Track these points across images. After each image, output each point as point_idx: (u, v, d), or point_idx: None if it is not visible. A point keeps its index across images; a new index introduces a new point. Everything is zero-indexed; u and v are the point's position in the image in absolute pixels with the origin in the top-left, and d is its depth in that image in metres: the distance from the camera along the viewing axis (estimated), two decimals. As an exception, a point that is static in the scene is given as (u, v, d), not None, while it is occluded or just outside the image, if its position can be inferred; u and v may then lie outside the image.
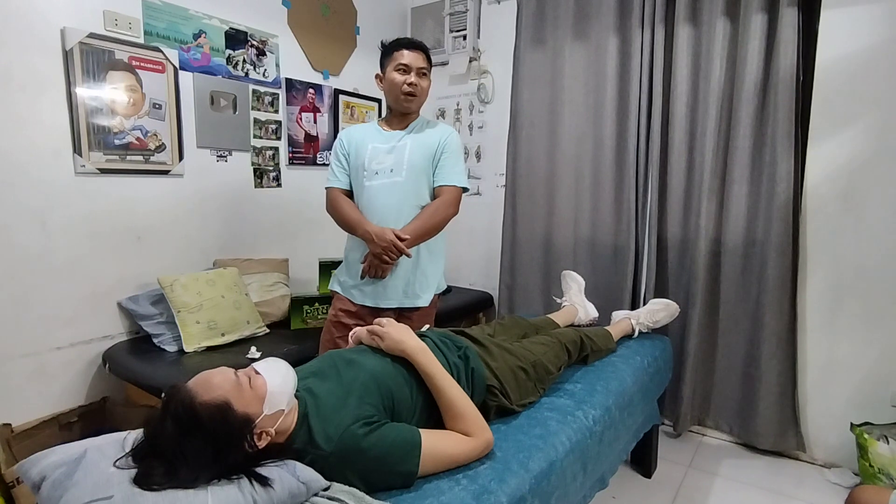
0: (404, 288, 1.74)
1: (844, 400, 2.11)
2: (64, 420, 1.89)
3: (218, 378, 0.94)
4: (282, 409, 0.99)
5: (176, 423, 0.87)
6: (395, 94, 1.73)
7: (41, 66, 1.81)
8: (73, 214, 1.92)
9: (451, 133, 1.79)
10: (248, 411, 0.93)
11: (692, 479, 2.09)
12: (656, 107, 2.37)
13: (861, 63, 1.97)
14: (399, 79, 1.70)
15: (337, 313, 1.80)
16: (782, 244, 2.12)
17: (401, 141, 1.75)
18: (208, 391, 0.91)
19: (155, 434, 0.89)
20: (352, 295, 1.78)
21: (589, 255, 2.65)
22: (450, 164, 1.75)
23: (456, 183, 1.75)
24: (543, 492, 1.12)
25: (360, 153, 1.75)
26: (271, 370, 1.02)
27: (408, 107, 1.75)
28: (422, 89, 1.74)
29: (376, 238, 1.63)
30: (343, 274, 1.84)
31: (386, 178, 1.71)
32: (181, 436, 0.86)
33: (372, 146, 1.75)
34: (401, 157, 1.72)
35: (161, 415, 0.90)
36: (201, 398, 0.89)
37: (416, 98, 1.73)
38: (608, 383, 1.60)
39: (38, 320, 1.86)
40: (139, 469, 0.85)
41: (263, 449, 0.95)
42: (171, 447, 0.86)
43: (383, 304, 1.75)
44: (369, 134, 1.79)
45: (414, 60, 1.70)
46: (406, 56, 1.70)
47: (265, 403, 0.96)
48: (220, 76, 2.34)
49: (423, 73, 1.73)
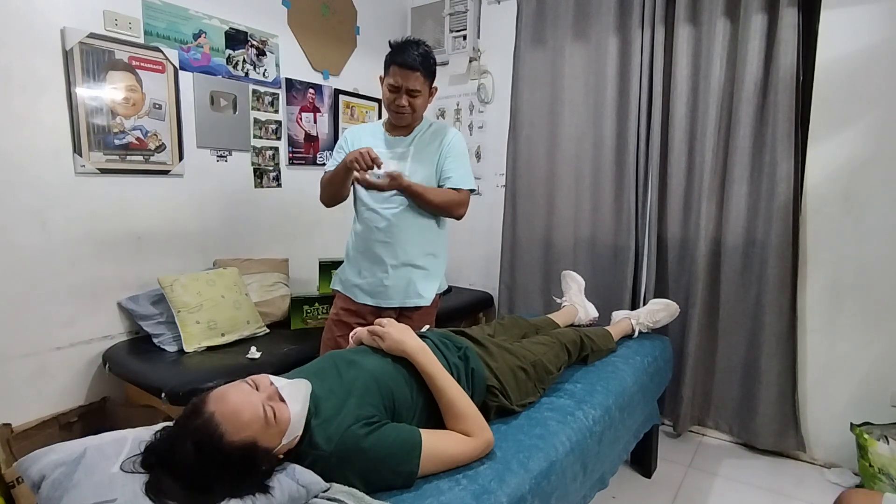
0: (406, 287, 1.74)
1: (844, 400, 2.11)
2: (64, 420, 1.89)
3: (247, 416, 0.90)
4: (298, 436, 0.98)
5: (199, 450, 0.86)
6: (388, 108, 1.71)
7: (41, 66, 1.80)
8: (73, 214, 1.92)
9: (453, 136, 1.76)
10: (271, 445, 0.93)
11: (692, 479, 2.09)
12: (656, 107, 2.37)
13: (861, 63, 1.97)
14: (388, 96, 1.67)
15: (338, 312, 1.80)
16: (782, 244, 2.12)
17: (404, 147, 1.74)
18: (238, 431, 0.88)
19: (172, 451, 0.87)
20: (353, 293, 1.78)
21: (589, 255, 2.65)
22: (453, 166, 1.73)
23: (462, 186, 1.72)
24: (543, 492, 1.12)
25: None
26: (295, 397, 0.98)
27: (397, 123, 1.73)
28: (413, 107, 1.67)
29: (357, 152, 1.53)
30: (345, 272, 1.83)
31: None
32: (202, 463, 0.86)
33: (376, 151, 1.72)
34: (403, 165, 1.70)
35: (182, 433, 0.89)
36: (230, 438, 0.87)
37: (405, 116, 1.69)
38: (608, 383, 1.60)
39: (38, 320, 1.86)
40: (151, 478, 0.85)
41: None
42: (189, 469, 0.85)
43: (384, 304, 1.75)
44: (375, 137, 1.77)
45: (404, 80, 1.61)
46: (397, 76, 1.62)
47: (285, 436, 0.95)
48: (220, 76, 2.34)
49: (415, 95, 1.64)
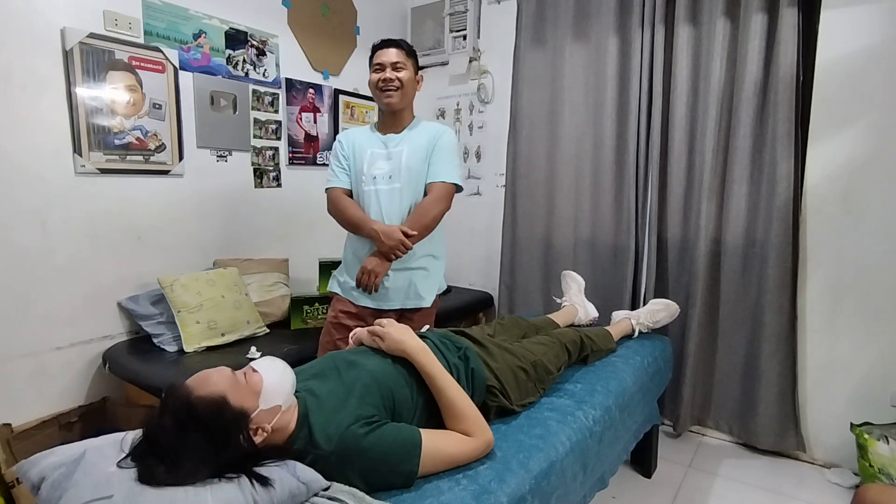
0: (406, 289, 1.74)
1: (844, 400, 2.11)
2: (64, 420, 1.89)
3: (215, 375, 0.96)
4: (278, 405, 0.99)
5: (173, 418, 0.89)
6: (376, 94, 1.72)
7: (41, 66, 1.81)
8: (73, 214, 1.92)
9: (445, 131, 1.76)
10: (244, 405, 0.95)
11: (692, 479, 2.09)
12: (656, 107, 2.37)
13: (861, 63, 1.97)
14: (374, 77, 1.70)
15: (337, 315, 1.79)
16: (782, 244, 2.12)
17: (397, 146, 1.73)
18: (205, 386, 0.93)
19: (154, 432, 0.89)
20: (353, 296, 1.76)
21: (589, 255, 2.65)
22: (440, 160, 1.72)
23: (445, 179, 1.71)
24: (543, 492, 1.12)
25: (360, 157, 1.74)
26: (268, 367, 1.04)
27: (389, 103, 1.69)
28: (400, 82, 1.68)
29: (384, 236, 1.62)
30: (343, 274, 1.82)
31: (385, 184, 1.70)
32: (179, 431, 0.88)
33: (371, 151, 1.74)
34: (398, 164, 1.70)
35: (159, 412, 0.91)
36: (197, 393, 0.92)
37: (395, 92, 1.68)
38: (608, 383, 1.60)
39: (38, 320, 1.86)
40: (140, 467, 0.86)
41: (263, 449, 0.96)
42: (169, 443, 0.87)
43: (386, 306, 1.74)
44: (367, 138, 1.77)
45: (387, 56, 1.68)
46: (379, 55, 1.70)
47: (261, 398, 0.97)
48: (220, 76, 2.34)
49: (398, 67, 1.68)
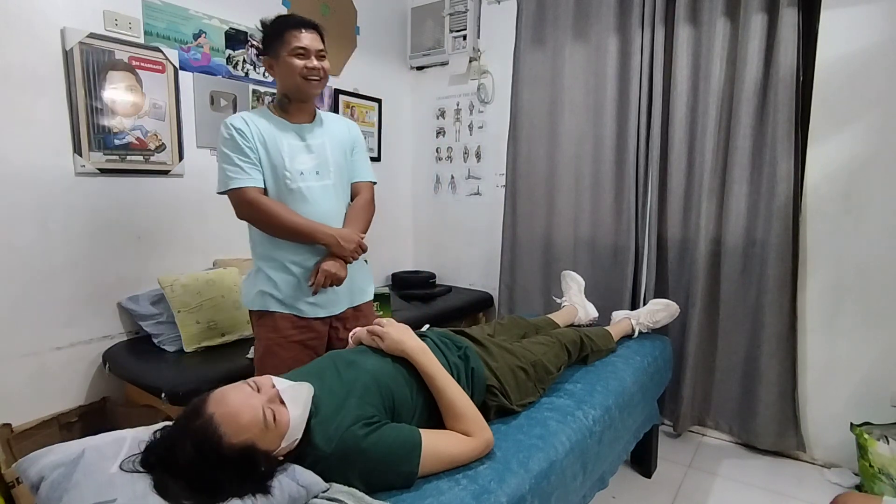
0: (351, 286, 1.65)
1: (844, 400, 2.11)
2: (64, 420, 1.89)
3: (247, 418, 0.91)
4: (297, 439, 0.98)
5: (198, 451, 0.87)
6: (295, 81, 1.53)
7: (41, 65, 1.81)
8: (73, 214, 1.92)
9: (355, 126, 1.76)
10: (270, 448, 0.93)
11: (692, 479, 2.09)
12: (656, 107, 2.37)
13: (861, 63, 1.97)
14: (298, 63, 1.51)
15: (287, 335, 1.55)
16: (782, 244, 2.12)
17: (317, 139, 1.61)
18: (237, 433, 0.89)
19: (172, 451, 0.88)
20: (299, 310, 1.56)
21: (589, 255, 2.65)
22: (363, 159, 1.73)
23: (370, 178, 1.73)
24: (543, 492, 1.12)
25: (274, 150, 1.52)
26: (296, 401, 0.98)
27: (312, 92, 1.57)
28: (324, 71, 1.57)
29: (343, 241, 1.52)
30: (279, 289, 1.55)
31: (314, 181, 1.56)
32: (201, 464, 0.86)
33: (287, 143, 1.55)
34: (324, 159, 1.59)
35: (181, 434, 0.90)
36: (229, 440, 0.88)
37: (319, 83, 1.57)
38: (608, 383, 1.60)
39: (38, 320, 1.86)
40: (156, 478, 0.86)
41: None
42: (189, 470, 0.86)
43: (337, 310, 1.63)
44: (275, 127, 1.56)
45: (312, 42, 1.53)
46: (303, 38, 1.51)
47: (285, 439, 0.95)
48: (220, 76, 2.34)
49: (322, 56, 1.56)
